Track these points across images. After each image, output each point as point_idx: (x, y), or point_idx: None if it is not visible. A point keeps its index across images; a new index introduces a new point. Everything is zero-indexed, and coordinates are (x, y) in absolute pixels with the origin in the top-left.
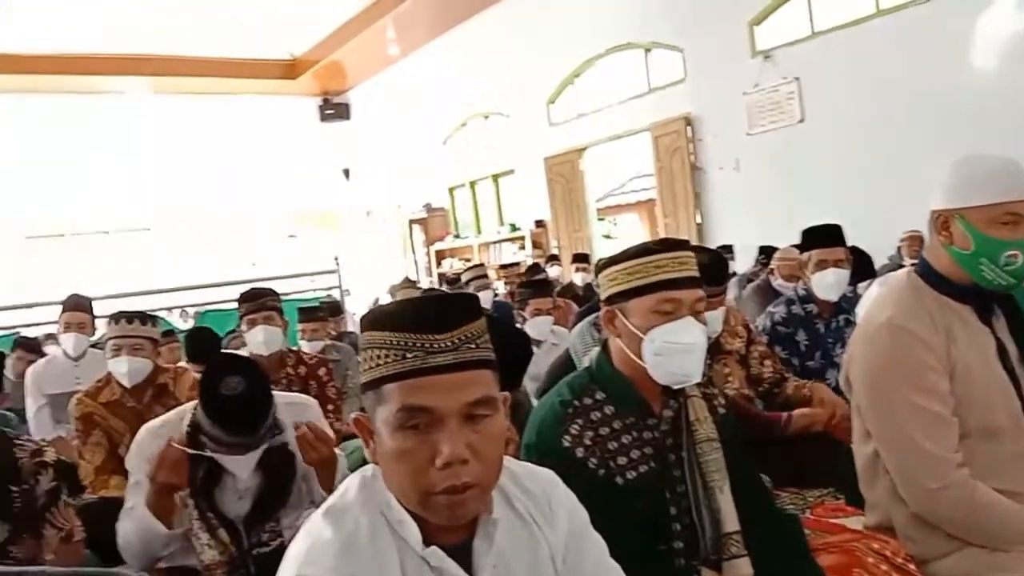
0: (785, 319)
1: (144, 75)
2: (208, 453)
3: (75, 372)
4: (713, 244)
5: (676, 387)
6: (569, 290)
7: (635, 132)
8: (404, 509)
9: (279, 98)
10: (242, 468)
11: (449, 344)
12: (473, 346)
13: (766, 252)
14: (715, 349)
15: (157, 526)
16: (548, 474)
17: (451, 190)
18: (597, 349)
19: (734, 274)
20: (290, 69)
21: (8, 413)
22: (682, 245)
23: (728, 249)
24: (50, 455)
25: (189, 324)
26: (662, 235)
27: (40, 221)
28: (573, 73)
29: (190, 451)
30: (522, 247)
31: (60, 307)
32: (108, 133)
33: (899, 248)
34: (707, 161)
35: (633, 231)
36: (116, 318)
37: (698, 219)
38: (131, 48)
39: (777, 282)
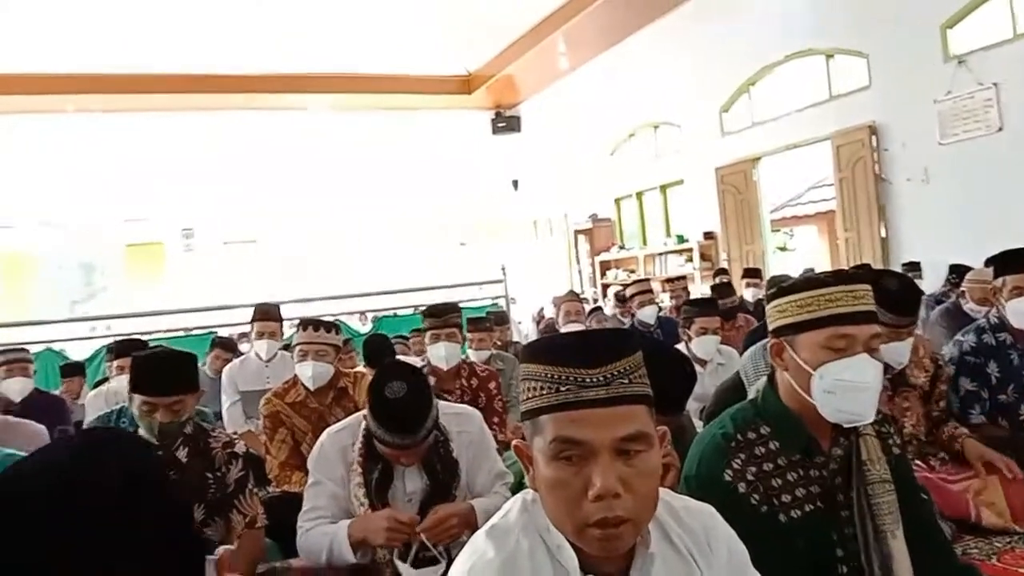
0: (975, 348)
1: (328, 92)
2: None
3: (266, 372)
4: (898, 260)
5: (847, 426)
6: (740, 306)
7: (814, 141)
8: (562, 535)
9: (454, 112)
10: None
11: (601, 379)
12: (626, 381)
13: (957, 272)
14: (898, 381)
15: (349, 556)
16: (707, 509)
17: (617, 201)
18: (764, 380)
19: (920, 294)
20: (465, 84)
21: (205, 409)
22: (858, 278)
23: (915, 266)
24: (240, 447)
25: (367, 328)
26: (842, 248)
27: (235, 228)
28: (748, 81)
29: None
30: (689, 259)
31: (253, 309)
32: (294, 147)
33: None
34: (893, 172)
35: (810, 244)
36: (304, 325)
37: (882, 233)
38: (316, 67)
39: (968, 306)
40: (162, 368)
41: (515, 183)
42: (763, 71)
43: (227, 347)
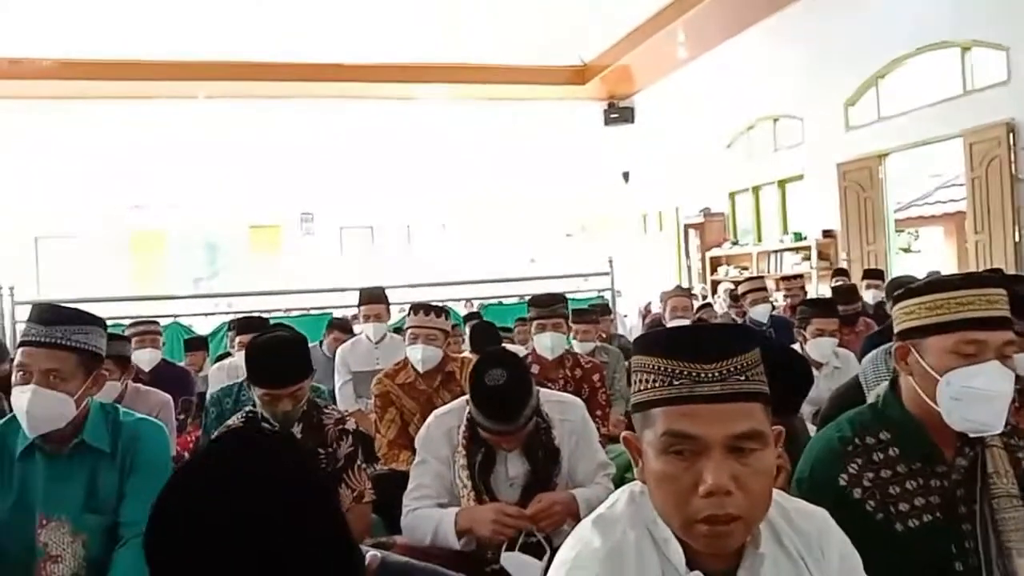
0: None
1: (442, 83)
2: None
3: (376, 353)
4: None
5: (973, 435)
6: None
7: (945, 138)
8: (669, 529)
9: (566, 103)
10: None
11: (716, 374)
12: (742, 378)
13: None
14: None
15: (454, 543)
16: (821, 513)
17: (732, 195)
18: (885, 385)
19: None
20: (579, 74)
21: (320, 385)
22: (992, 282)
23: None
24: (350, 424)
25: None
26: (971, 251)
27: (351, 214)
28: (877, 74)
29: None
30: (806, 258)
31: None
32: (408, 136)
33: None
34: None
35: (937, 245)
36: (415, 309)
37: (1016, 237)
38: (431, 57)
39: None
40: (278, 360)
41: (625, 175)
42: (892, 64)
43: (344, 328)
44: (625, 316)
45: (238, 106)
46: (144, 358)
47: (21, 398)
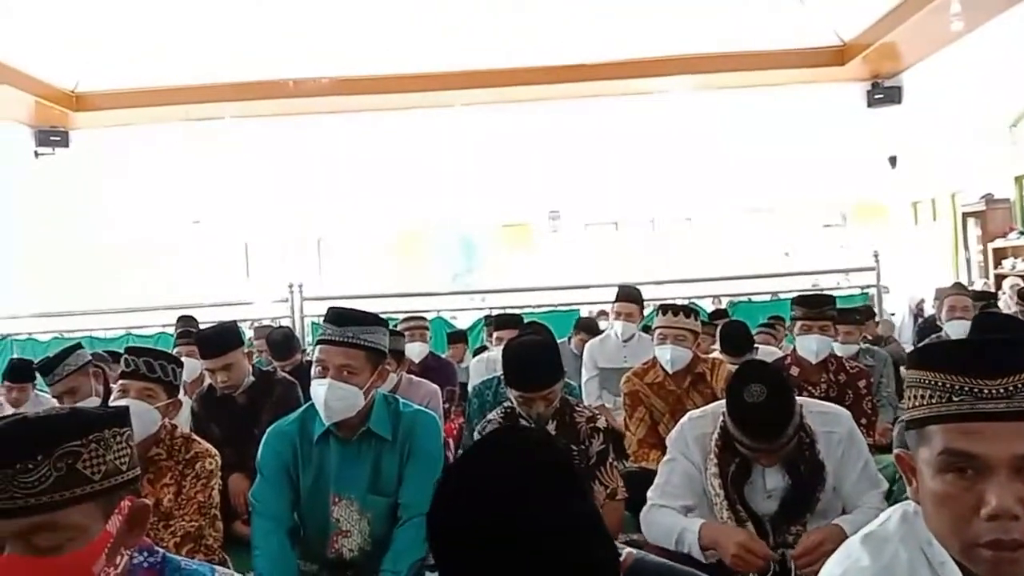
0: None
1: (688, 74)
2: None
3: (624, 352)
4: None
5: None
6: None
7: None
8: (947, 552)
9: (823, 85)
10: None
11: (1003, 391)
12: None
13: None
14: None
15: (698, 555)
16: None
17: (1018, 179)
18: None
19: None
20: (838, 55)
21: (571, 382)
22: None
23: None
24: (601, 422)
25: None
26: None
27: (597, 211)
28: None
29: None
30: None
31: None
32: (652, 130)
33: None
34: None
35: None
36: (663, 309)
37: None
38: (677, 49)
39: None
40: (532, 365)
41: (892, 160)
42: None
43: (590, 330)
44: (893, 315)
45: (491, 111)
46: (415, 351)
47: (319, 390)
